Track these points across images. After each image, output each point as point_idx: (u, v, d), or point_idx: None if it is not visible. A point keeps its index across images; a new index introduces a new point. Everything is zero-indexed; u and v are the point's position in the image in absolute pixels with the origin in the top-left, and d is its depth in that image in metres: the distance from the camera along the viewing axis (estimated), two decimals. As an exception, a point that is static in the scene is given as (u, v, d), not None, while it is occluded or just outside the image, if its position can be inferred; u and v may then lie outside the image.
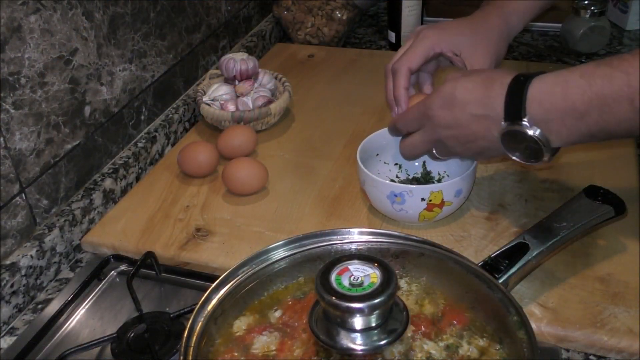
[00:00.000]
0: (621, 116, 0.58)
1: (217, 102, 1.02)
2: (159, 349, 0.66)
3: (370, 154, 0.84)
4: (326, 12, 1.33)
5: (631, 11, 1.29)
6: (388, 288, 0.48)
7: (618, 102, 0.58)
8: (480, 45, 0.78)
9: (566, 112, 0.61)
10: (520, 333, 0.52)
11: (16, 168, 0.75)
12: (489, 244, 0.76)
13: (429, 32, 0.79)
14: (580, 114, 0.60)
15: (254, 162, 0.88)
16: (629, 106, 0.57)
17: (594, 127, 0.60)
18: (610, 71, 0.58)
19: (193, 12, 1.09)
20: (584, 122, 0.61)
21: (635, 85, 0.57)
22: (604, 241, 0.75)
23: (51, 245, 0.78)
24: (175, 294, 0.76)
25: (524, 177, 0.88)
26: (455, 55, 0.79)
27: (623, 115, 0.58)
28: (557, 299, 0.68)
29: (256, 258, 0.62)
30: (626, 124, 0.59)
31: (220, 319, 0.57)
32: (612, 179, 0.83)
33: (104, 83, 0.89)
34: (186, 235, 0.82)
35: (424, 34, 0.79)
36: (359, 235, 0.64)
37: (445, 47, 0.78)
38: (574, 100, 0.60)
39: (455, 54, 0.79)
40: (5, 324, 0.73)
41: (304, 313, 0.56)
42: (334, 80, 1.19)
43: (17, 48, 0.73)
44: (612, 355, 0.64)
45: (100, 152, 0.90)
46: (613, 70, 0.58)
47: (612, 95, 0.58)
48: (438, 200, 0.75)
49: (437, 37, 0.78)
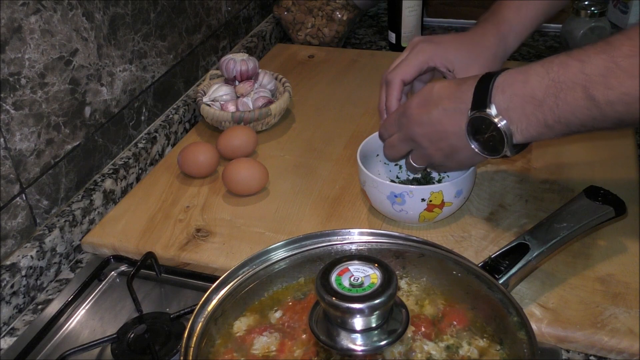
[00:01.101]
0: (574, 104, 0.59)
1: (218, 102, 1.02)
2: (159, 350, 0.66)
3: (370, 155, 0.84)
4: (326, 12, 1.33)
5: (631, 12, 1.29)
6: (388, 289, 0.48)
7: (572, 90, 0.59)
8: (474, 64, 0.79)
9: (525, 99, 0.62)
10: (521, 334, 0.52)
11: (16, 168, 0.75)
12: (489, 245, 0.76)
13: (425, 45, 0.80)
14: (539, 102, 0.61)
15: (254, 162, 0.88)
16: (583, 94, 0.58)
17: (549, 116, 0.61)
18: (566, 59, 0.60)
19: (193, 13, 1.09)
20: (542, 111, 0.61)
21: (589, 73, 0.57)
22: (604, 242, 0.75)
23: (51, 245, 0.78)
24: (175, 295, 0.76)
25: (524, 177, 0.88)
26: (449, 72, 0.80)
27: (576, 103, 0.59)
28: (557, 299, 0.68)
29: (256, 258, 0.62)
30: (581, 114, 0.59)
31: (221, 320, 0.57)
32: (612, 180, 0.83)
33: (104, 84, 0.89)
34: (186, 235, 0.82)
35: (420, 47, 0.80)
36: (359, 235, 0.64)
37: (439, 62, 0.80)
38: (532, 87, 0.61)
39: (448, 70, 0.80)
40: (6, 324, 0.73)
41: (304, 314, 0.56)
42: (334, 80, 1.19)
43: (17, 49, 0.73)
44: (612, 355, 0.64)
45: (101, 152, 0.90)
46: (569, 58, 0.59)
47: (566, 82, 0.59)
48: (438, 201, 0.75)
49: (432, 51, 0.80)
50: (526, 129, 0.63)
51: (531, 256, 0.63)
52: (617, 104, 0.57)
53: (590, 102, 0.58)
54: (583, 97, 0.58)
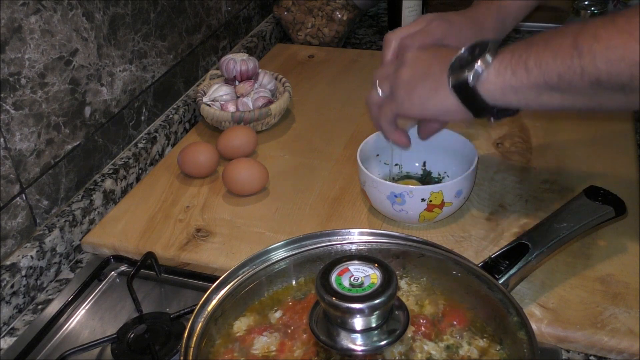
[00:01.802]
0: (560, 48, 0.57)
1: (218, 102, 1.02)
2: (159, 350, 0.66)
3: (370, 155, 0.84)
4: (326, 12, 1.33)
5: (631, 12, 1.29)
6: (388, 289, 0.48)
7: (562, 37, 0.58)
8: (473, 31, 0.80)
9: (518, 45, 0.61)
10: (521, 334, 0.52)
11: (16, 168, 0.75)
12: (489, 245, 0.76)
13: (440, 23, 0.80)
14: (528, 44, 0.60)
15: (254, 162, 0.88)
16: (571, 40, 0.56)
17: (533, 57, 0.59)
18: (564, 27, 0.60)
19: (193, 13, 1.09)
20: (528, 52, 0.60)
21: (583, 29, 0.56)
22: (604, 242, 0.75)
23: (51, 245, 0.78)
24: (175, 295, 0.76)
25: (524, 177, 0.88)
26: None
27: (563, 48, 0.57)
28: (557, 299, 0.68)
29: (256, 259, 0.62)
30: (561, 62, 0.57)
31: (221, 320, 0.57)
32: (612, 180, 0.83)
33: (104, 84, 0.89)
34: (186, 235, 0.82)
35: (436, 24, 0.80)
36: (359, 235, 0.64)
37: (453, 41, 0.79)
38: (529, 40, 0.61)
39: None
40: (6, 324, 0.73)
41: (304, 313, 0.56)
42: (334, 80, 1.19)
43: (17, 49, 0.73)
44: (612, 355, 0.64)
45: (101, 152, 0.90)
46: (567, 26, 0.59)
47: (561, 31, 0.58)
48: (438, 201, 0.75)
49: (447, 30, 0.80)
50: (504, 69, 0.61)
51: (531, 256, 0.63)
52: (600, 59, 0.55)
53: (574, 50, 0.56)
54: (569, 44, 0.56)
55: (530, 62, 0.60)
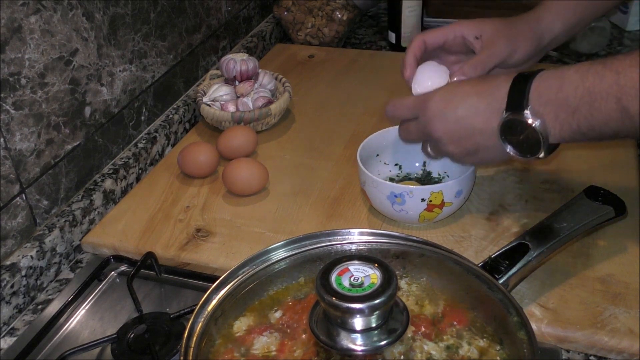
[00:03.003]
0: (608, 115, 0.59)
1: (218, 102, 1.02)
2: (159, 350, 0.66)
3: (370, 155, 0.84)
4: (326, 12, 1.33)
5: (631, 12, 1.29)
6: (388, 289, 0.48)
7: (606, 100, 0.59)
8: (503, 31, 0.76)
9: (560, 106, 0.62)
10: (521, 334, 0.52)
11: (16, 168, 0.75)
12: (489, 245, 0.76)
13: (462, 21, 0.79)
14: (572, 110, 0.61)
15: (254, 162, 0.88)
16: (615, 105, 0.58)
17: (583, 123, 0.61)
18: (602, 69, 0.59)
19: (193, 13, 1.09)
20: (575, 118, 0.61)
21: (623, 84, 0.57)
22: (604, 242, 0.75)
23: (51, 245, 0.78)
24: (175, 295, 0.76)
25: (524, 177, 0.88)
26: (476, 39, 0.77)
27: (610, 114, 0.59)
28: (557, 299, 0.68)
29: (256, 259, 0.62)
30: (613, 124, 0.60)
31: (221, 320, 0.57)
32: (612, 180, 0.83)
33: (104, 84, 0.89)
34: (186, 235, 0.82)
35: (458, 22, 0.79)
36: (359, 235, 0.64)
37: (468, 30, 0.78)
38: (567, 94, 0.61)
39: (476, 37, 0.77)
40: (6, 324, 0.73)
41: (304, 314, 0.56)
42: (335, 80, 1.19)
43: (17, 49, 0.73)
44: (612, 355, 0.64)
45: (101, 152, 0.90)
46: (605, 69, 0.59)
47: (601, 92, 0.59)
48: (438, 201, 0.75)
49: (466, 24, 0.79)
50: (559, 134, 0.63)
51: (531, 256, 0.63)
52: None
53: (622, 113, 0.58)
54: (616, 109, 0.58)
55: (582, 128, 0.61)
